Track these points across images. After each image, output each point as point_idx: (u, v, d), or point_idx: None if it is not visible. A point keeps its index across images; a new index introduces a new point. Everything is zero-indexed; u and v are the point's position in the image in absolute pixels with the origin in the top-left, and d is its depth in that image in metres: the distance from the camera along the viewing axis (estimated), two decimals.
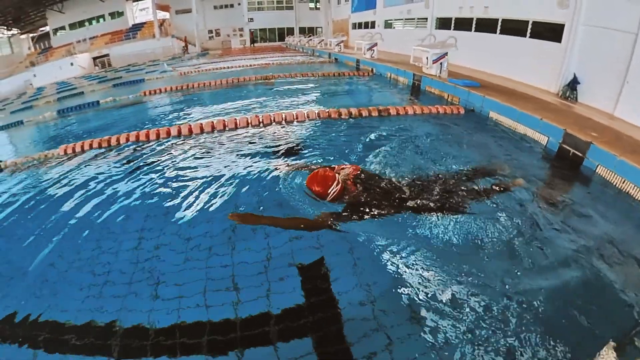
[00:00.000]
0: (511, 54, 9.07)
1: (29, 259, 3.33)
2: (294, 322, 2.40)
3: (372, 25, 19.52)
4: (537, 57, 8.04)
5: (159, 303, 2.61)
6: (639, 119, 5.52)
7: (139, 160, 5.51)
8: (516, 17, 8.83)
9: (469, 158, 4.70)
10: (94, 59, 29.09)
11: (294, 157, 5.05)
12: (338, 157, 4.81)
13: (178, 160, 5.33)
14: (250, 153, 5.37)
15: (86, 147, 6.31)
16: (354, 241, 3.02)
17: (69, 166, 5.71)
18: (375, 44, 14.04)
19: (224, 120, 6.88)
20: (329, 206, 3.39)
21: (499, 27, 9.53)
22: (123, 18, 33.05)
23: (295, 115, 6.95)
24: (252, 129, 6.62)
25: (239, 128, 6.70)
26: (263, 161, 4.95)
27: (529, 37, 8.40)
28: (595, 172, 4.36)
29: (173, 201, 4.06)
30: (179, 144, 6.14)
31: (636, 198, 3.83)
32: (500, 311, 2.32)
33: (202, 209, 3.81)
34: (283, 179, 4.16)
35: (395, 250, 2.88)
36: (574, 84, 6.78)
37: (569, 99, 6.81)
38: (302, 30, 33.84)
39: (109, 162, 5.61)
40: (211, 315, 2.46)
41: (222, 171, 4.74)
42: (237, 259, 2.98)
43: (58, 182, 5.12)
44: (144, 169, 5.14)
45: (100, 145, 6.31)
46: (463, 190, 3.60)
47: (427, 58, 9.13)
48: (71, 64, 27.30)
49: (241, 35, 33.61)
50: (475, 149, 5.15)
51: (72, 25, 32.86)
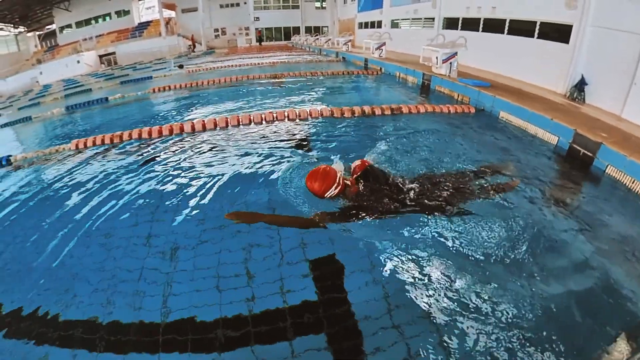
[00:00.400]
0: (518, 54, 9.05)
1: (39, 254, 3.30)
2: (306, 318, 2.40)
3: (379, 24, 19.48)
4: (545, 58, 8.03)
5: (171, 300, 2.61)
6: None
7: (149, 156, 5.54)
8: (524, 18, 8.81)
9: (480, 157, 4.70)
10: (100, 56, 29.26)
11: (304, 153, 5.07)
12: (349, 154, 4.81)
13: (190, 156, 5.36)
14: (262, 149, 5.39)
15: (98, 142, 6.37)
16: (351, 240, 3.00)
17: (81, 161, 5.73)
18: (384, 44, 14.03)
19: (238, 117, 6.92)
20: (327, 205, 3.33)
21: (506, 28, 9.51)
22: (129, 16, 33.20)
23: (309, 113, 6.97)
24: (267, 125, 6.66)
25: (252, 124, 6.75)
26: (275, 157, 4.96)
27: (537, 38, 8.39)
28: (605, 172, 4.40)
29: (184, 197, 4.06)
30: (191, 140, 6.17)
31: None
32: (510, 311, 2.31)
33: (212, 204, 3.80)
34: (286, 175, 4.15)
35: (395, 250, 2.86)
36: (581, 85, 6.78)
37: (577, 100, 6.82)
38: (308, 30, 33.86)
39: (121, 158, 5.65)
40: (224, 311, 2.46)
41: (233, 167, 4.76)
42: (243, 255, 2.97)
43: (70, 177, 5.14)
44: (155, 165, 5.16)
45: (112, 140, 6.37)
46: (471, 190, 3.60)
47: (437, 58, 9.12)
48: (77, 61, 27.49)
49: (247, 34, 33.68)
50: (486, 148, 5.16)
51: (79, 24, 32.98)
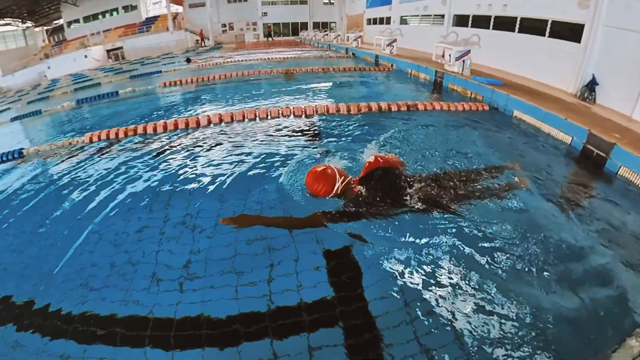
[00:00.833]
0: (529, 53, 8.84)
1: (56, 249, 3.21)
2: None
3: (388, 21, 19.10)
4: (556, 57, 7.82)
5: (187, 294, 2.54)
6: None
7: (161, 150, 5.39)
8: (535, 16, 8.59)
9: (496, 156, 4.57)
10: (108, 51, 29.12)
11: (316, 149, 4.85)
12: (362, 150, 4.61)
13: (201, 151, 5.20)
14: (273, 144, 5.23)
15: (112, 136, 6.14)
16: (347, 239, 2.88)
17: (94, 154, 5.58)
18: (395, 40, 13.73)
19: (255, 111, 6.73)
20: (330, 204, 3.14)
21: (517, 26, 9.28)
22: (136, 11, 33.03)
23: (326, 108, 6.75)
24: (277, 120, 6.48)
25: (268, 118, 6.56)
26: (285, 153, 4.78)
27: (548, 37, 8.18)
28: (618, 173, 4.28)
29: (199, 191, 3.96)
30: (203, 133, 5.99)
31: None
32: (521, 311, 2.24)
33: (229, 198, 3.71)
34: (293, 173, 3.99)
35: (395, 250, 2.74)
36: (592, 85, 6.60)
37: (587, 100, 6.64)
38: (316, 25, 33.46)
39: (135, 151, 5.48)
40: (241, 307, 2.40)
41: (243, 162, 4.63)
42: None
43: (84, 170, 4.98)
44: (170, 159, 4.99)
45: (126, 134, 6.14)
46: (481, 190, 3.41)
47: (450, 55, 8.96)
48: (85, 56, 27.39)
49: (254, 29, 33.40)
50: (501, 147, 5.02)
51: (86, 18, 32.90)
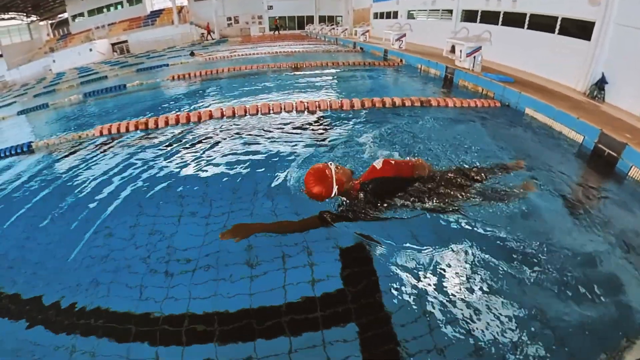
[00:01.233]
0: (538, 49, 8.68)
1: (66, 243, 3.13)
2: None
3: (395, 15, 18.81)
4: (565, 55, 7.68)
5: (199, 288, 2.49)
6: None
7: (175, 143, 5.30)
8: (545, 13, 8.44)
9: (506, 154, 4.49)
10: (113, 45, 28.99)
11: (325, 146, 4.72)
12: (374, 147, 4.49)
13: (213, 144, 5.08)
14: (280, 139, 5.13)
15: (122, 129, 6.01)
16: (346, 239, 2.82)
17: (105, 147, 5.47)
18: (404, 35, 13.50)
19: (269, 105, 6.59)
20: (333, 204, 3.03)
21: (526, 22, 9.12)
22: (141, 5, 32.85)
23: (340, 104, 6.61)
24: (297, 114, 6.35)
25: (282, 112, 6.44)
26: (292, 150, 4.66)
27: (558, 34, 8.03)
28: (629, 174, 4.19)
29: (210, 185, 3.90)
30: (214, 126, 5.88)
31: None
32: (533, 312, 2.20)
33: (241, 193, 3.66)
34: (298, 171, 3.87)
35: (397, 249, 2.68)
36: (601, 84, 6.48)
37: (596, 98, 6.52)
38: (322, 19, 33.16)
39: (145, 144, 5.38)
40: (254, 302, 2.36)
41: (253, 156, 4.53)
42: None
43: (95, 164, 4.89)
44: (182, 152, 4.89)
45: (137, 127, 6.01)
46: (491, 190, 3.27)
47: (461, 51, 8.83)
48: (90, 49, 27.31)
49: (260, 23, 33.11)
50: (514, 145, 4.92)
51: (91, 12, 32.75)
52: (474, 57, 8.58)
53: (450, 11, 13.19)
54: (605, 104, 6.36)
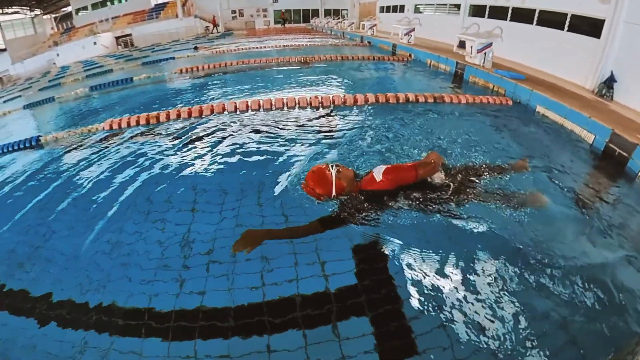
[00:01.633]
0: (547, 46, 8.55)
1: (77, 238, 3.10)
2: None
3: (401, 9, 18.53)
4: (574, 52, 7.60)
5: (212, 281, 2.49)
6: None
7: (186, 137, 5.20)
8: (554, 9, 8.30)
9: (518, 152, 4.46)
10: (117, 38, 28.77)
11: (334, 144, 4.62)
12: (383, 147, 4.39)
13: (224, 138, 5.03)
14: (291, 135, 5.03)
15: (132, 123, 5.87)
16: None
17: (114, 141, 5.38)
18: (413, 29, 13.25)
19: (283, 99, 6.47)
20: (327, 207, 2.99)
21: (535, 18, 8.96)
22: None
23: (354, 99, 6.46)
24: (310, 110, 6.22)
25: (298, 107, 6.32)
26: (298, 147, 4.57)
27: (567, 31, 7.91)
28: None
29: (221, 180, 3.86)
30: (225, 121, 5.77)
31: None
32: (542, 312, 2.19)
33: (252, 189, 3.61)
34: (298, 172, 3.81)
35: (398, 250, 2.68)
36: (610, 82, 6.47)
37: (605, 96, 6.50)
38: (327, 12, 32.80)
39: (156, 138, 5.28)
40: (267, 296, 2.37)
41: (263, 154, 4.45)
42: None
43: (105, 158, 4.80)
44: (192, 147, 4.82)
45: (148, 120, 5.88)
46: (501, 189, 3.28)
47: (472, 47, 8.69)
48: (94, 43, 27.11)
49: (265, 16, 32.76)
50: (524, 142, 4.92)
51: (94, 5, 32.42)
52: (485, 54, 8.54)
53: (458, 6, 13.01)
54: (613, 102, 6.35)
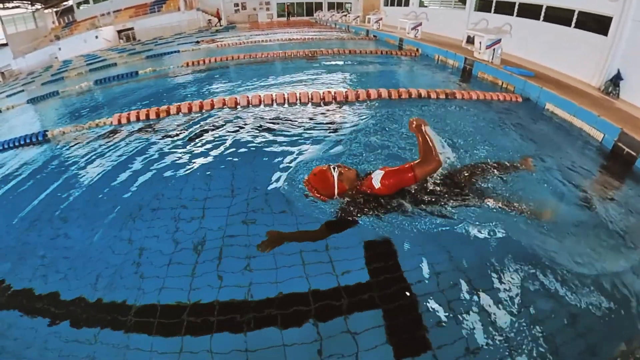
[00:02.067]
0: (553, 42, 8.42)
1: (85, 234, 3.07)
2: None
3: (406, 2, 18.24)
4: (581, 49, 7.47)
5: (227, 276, 2.49)
6: None
7: (197, 131, 5.12)
8: (562, 5, 8.13)
9: (528, 150, 4.39)
10: (119, 32, 28.52)
11: (339, 142, 4.51)
12: (386, 149, 4.28)
13: (233, 132, 4.96)
14: (295, 132, 4.93)
15: (142, 117, 5.74)
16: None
17: (123, 136, 5.26)
18: (420, 24, 12.98)
19: (296, 93, 6.32)
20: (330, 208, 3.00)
21: (542, 14, 8.79)
22: None
23: (367, 94, 6.31)
24: (323, 105, 6.09)
25: (309, 103, 6.16)
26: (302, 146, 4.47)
27: (574, 27, 7.77)
28: None
29: (231, 176, 3.82)
30: (234, 115, 5.67)
31: None
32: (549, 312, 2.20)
33: (261, 184, 3.57)
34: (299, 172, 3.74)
35: (402, 249, 2.70)
36: (617, 80, 6.39)
37: (611, 94, 6.43)
38: (331, 6, 32.40)
39: (166, 132, 5.18)
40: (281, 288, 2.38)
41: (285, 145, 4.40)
42: None
43: (114, 152, 4.72)
44: (203, 141, 4.73)
45: (157, 114, 5.73)
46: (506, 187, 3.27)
47: (481, 43, 8.57)
48: (96, 37, 26.88)
49: (268, 9, 32.41)
50: (534, 139, 4.88)
51: None
52: (494, 50, 8.43)
53: (464, 0, 12.76)
54: (619, 100, 6.28)
